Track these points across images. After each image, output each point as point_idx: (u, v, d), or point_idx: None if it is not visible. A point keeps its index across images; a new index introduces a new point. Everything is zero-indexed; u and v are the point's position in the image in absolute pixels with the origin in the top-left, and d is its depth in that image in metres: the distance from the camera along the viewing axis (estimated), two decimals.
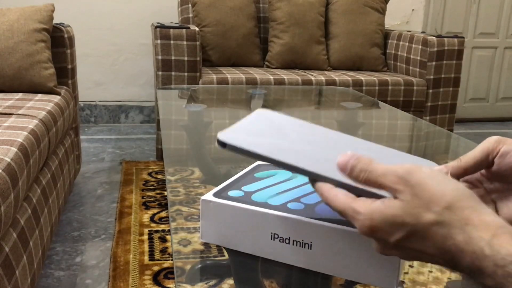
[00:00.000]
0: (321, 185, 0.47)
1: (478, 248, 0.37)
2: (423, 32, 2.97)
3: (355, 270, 0.54)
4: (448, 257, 0.40)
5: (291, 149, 0.49)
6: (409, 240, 0.41)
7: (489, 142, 0.50)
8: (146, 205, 2.07)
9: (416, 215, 0.40)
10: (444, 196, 0.39)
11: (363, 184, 0.45)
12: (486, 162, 0.50)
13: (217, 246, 0.63)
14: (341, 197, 0.45)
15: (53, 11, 2.02)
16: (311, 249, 0.55)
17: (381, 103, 1.81)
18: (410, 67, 2.83)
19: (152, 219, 1.95)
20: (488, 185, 0.52)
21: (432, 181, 0.40)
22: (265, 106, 1.76)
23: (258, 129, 0.53)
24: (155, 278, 1.55)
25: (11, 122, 1.47)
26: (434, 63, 2.69)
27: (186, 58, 2.44)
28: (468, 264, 0.38)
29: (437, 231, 0.39)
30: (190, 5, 2.92)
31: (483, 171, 0.52)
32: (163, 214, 1.99)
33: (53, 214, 1.58)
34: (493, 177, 0.52)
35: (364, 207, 0.43)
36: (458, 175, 0.51)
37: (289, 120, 0.56)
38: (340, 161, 0.46)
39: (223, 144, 0.49)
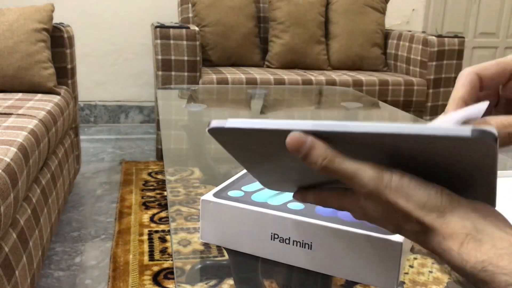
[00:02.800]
0: (305, 195, 0.46)
1: (451, 258, 0.37)
2: (423, 32, 2.96)
3: (355, 270, 0.54)
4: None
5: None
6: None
7: (507, 58, 0.47)
8: (146, 205, 2.07)
9: (399, 223, 0.39)
10: (414, 211, 0.38)
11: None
12: (503, 76, 0.48)
13: (217, 246, 0.62)
14: (331, 196, 0.44)
15: (52, 11, 2.02)
16: (311, 249, 0.55)
17: (381, 103, 1.81)
18: (411, 67, 2.83)
19: (152, 219, 1.95)
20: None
21: (402, 197, 0.38)
22: (265, 106, 1.76)
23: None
24: (155, 279, 1.55)
25: (11, 122, 1.47)
26: (434, 63, 2.69)
27: (186, 58, 2.44)
28: (455, 270, 0.38)
29: (418, 238, 0.39)
30: (190, 5, 2.92)
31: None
32: (163, 214, 1.99)
33: (53, 214, 1.58)
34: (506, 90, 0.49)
35: (353, 203, 0.42)
36: (476, 87, 0.48)
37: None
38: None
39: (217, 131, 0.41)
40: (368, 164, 0.38)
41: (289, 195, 0.61)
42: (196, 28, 2.48)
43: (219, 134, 0.41)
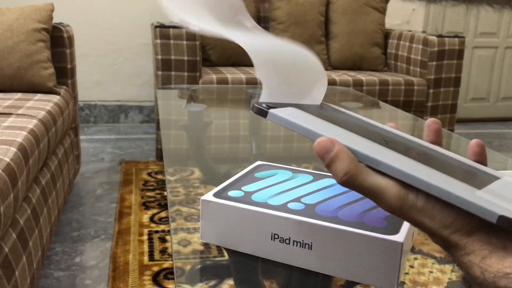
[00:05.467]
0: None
1: (470, 270, 0.36)
2: (423, 31, 2.96)
3: (355, 271, 0.53)
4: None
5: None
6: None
7: None
8: (145, 205, 2.07)
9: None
10: (438, 231, 0.38)
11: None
12: None
13: (217, 246, 0.62)
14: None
15: (52, 10, 2.02)
16: (311, 249, 0.55)
17: (381, 103, 1.81)
18: (411, 67, 2.83)
19: (151, 219, 1.95)
20: None
21: (426, 218, 0.38)
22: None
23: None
24: (155, 279, 1.55)
25: (11, 122, 1.47)
26: (434, 62, 2.69)
27: (186, 58, 2.44)
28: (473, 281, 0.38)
29: (444, 247, 0.39)
30: None
31: None
32: (163, 214, 1.99)
33: (53, 214, 1.58)
34: None
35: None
36: None
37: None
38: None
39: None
40: (393, 181, 0.37)
41: (289, 195, 0.61)
42: None
43: (258, 112, 0.44)
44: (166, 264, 1.62)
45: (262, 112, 0.43)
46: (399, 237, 0.51)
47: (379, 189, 0.37)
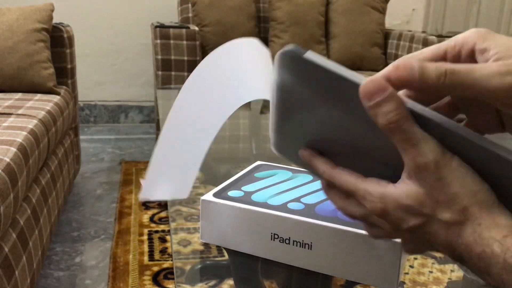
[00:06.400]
0: (322, 163, 0.44)
1: (488, 248, 0.36)
2: (423, 32, 2.96)
3: (355, 271, 0.53)
4: (456, 254, 0.39)
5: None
6: (420, 230, 0.40)
7: (448, 44, 0.46)
8: (145, 205, 2.07)
9: (434, 209, 0.38)
10: (464, 197, 0.37)
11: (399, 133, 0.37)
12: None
13: (217, 246, 0.62)
14: (349, 175, 0.42)
15: (52, 10, 2.02)
16: (311, 249, 0.55)
17: None
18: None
19: (151, 219, 1.95)
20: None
21: (458, 180, 0.38)
22: (265, 106, 1.75)
23: None
24: (155, 279, 1.55)
25: (11, 122, 1.47)
26: None
27: (186, 58, 2.44)
28: (475, 264, 0.37)
29: (450, 229, 0.38)
30: (189, 4, 2.92)
31: None
32: (162, 214, 1.99)
33: (53, 214, 1.58)
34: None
35: (375, 189, 0.40)
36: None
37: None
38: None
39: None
40: (433, 138, 0.37)
41: (289, 195, 0.61)
42: (196, 28, 2.47)
43: (287, 61, 0.39)
44: (166, 264, 1.62)
45: (296, 56, 0.38)
46: None
47: (421, 138, 0.37)
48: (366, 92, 0.36)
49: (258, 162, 0.72)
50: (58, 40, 2.05)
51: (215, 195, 0.60)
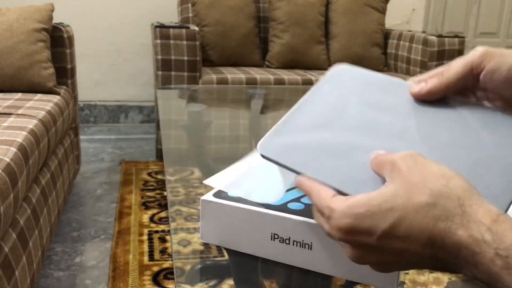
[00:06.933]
0: (304, 180, 0.44)
1: (477, 233, 0.34)
2: (423, 31, 2.96)
3: (355, 271, 0.53)
4: (436, 246, 0.36)
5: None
6: (394, 231, 0.37)
7: (474, 56, 0.46)
8: (145, 205, 2.07)
9: (409, 196, 0.36)
10: (441, 179, 0.37)
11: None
12: (470, 77, 0.46)
13: (217, 246, 0.62)
14: (322, 193, 0.41)
15: (52, 10, 2.02)
16: (311, 249, 0.55)
17: None
18: (411, 67, 2.83)
19: (151, 219, 1.95)
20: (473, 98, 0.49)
21: (431, 165, 0.38)
22: (265, 106, 1.75)
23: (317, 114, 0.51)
24: (155, 279, 1.55)
25: (11, 122, 1.47)
26: (434, 62, 2.69)
27: (186, 58, 2.44)
28: (459, 251, 0.35)
29: (428, 213, 0.36)
30: (189, 4, 2.92)
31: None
32: (162, 214, 1.99)
33: (53, 214, 1.58)
34: (478, 92, 0.48)
35: (340, 204, 0.39)
36: (439, 93, 0.48)
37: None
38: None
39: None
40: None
41: (289, 195, 0.61)
42: (196, 28, 2.47)
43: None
44: (166, 264, 1.62)
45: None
46: None
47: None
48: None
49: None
50: (58, 40, 2.05)
51: (215, 195, 0.60)
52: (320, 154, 0.46)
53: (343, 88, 0.52)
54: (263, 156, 0.48)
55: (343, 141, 0.47)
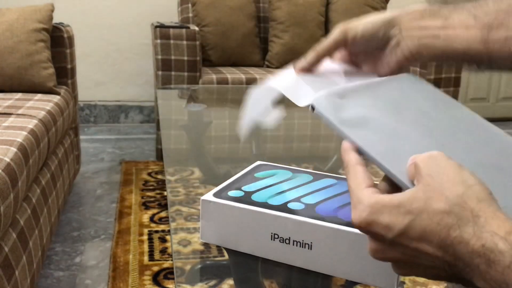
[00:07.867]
0: (350, 152, 0.44)
1: (491, 243, 0.34)
2: None
3: (355, 270, 0.53)
4: (448, 253, 0.36)
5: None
6: (409, 232, 0.38)
7: (336, 35, 0.55)
8: (145, 205, 2.07)
9: (426, 201, 0.37)
10: (459, 186, 0.37)
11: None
12: (341, 47, 0.56)
13: (217, 246, 0.62)
14: (359, 178, 0.42)
15: (52, 10, 2.02)
16: (311, 249, 0.55)
17: None
18: (411, 67, 2.83)
19: (151, 219, 1.95)
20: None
21: (452, 170, 0.38)
22: None
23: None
24: (155, 279, 1.55)
25: (11, 122, 1.47)
26: (434, 62, 2.69)
27: (186, 58, 2.44)
28: (471, 259, 0.35)
29: (441, 220, 0.36)
30: (189, 4, 2.92)
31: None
32: (163, 214, 1.99)
33: (53, 214, 1.58)
34: (354, 59, 0.58)
35: (367, 197, 0.40)
36: (317, 60, 0.55)
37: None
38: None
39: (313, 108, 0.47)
40: None
41: (289, 195, 0.61)
42: (196, 28, 2.47)
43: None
44: (166, 264, 1.62)
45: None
46: None
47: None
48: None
49: (258, 162, 0.72)
50: (58, 40, 2.05)
51: (215, 195, 0.60)
52: (370, 128, 0.46)
53: (408, 88, 0.54)
54: (314, 110, 0.47)
55: (395, 127, 0.47)
